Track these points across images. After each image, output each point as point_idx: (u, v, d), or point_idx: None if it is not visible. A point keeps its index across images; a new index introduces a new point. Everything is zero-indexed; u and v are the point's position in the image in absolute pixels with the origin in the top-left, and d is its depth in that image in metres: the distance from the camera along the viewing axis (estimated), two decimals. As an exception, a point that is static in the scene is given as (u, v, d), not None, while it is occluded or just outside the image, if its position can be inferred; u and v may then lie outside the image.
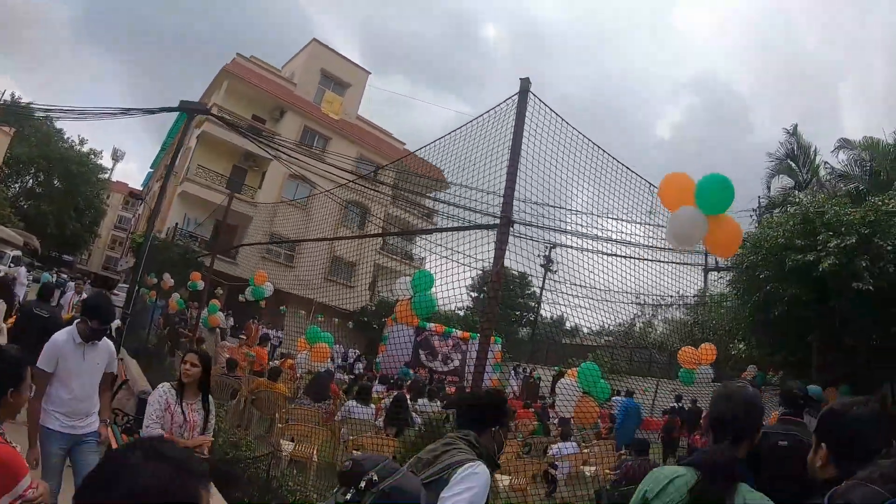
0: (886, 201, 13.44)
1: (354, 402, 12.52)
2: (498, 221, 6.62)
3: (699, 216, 6.07)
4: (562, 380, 10.71)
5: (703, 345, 14.44)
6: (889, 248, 12.59)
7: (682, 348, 14.52)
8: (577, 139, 7.43)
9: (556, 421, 17.66)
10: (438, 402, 16.15)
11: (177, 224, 36.86)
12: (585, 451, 13.72)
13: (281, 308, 32.77)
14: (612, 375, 11.36)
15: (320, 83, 47.61)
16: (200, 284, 19.43)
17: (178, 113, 14.14)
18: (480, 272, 7.97)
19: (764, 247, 14.81)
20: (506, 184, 6.68)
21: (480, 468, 3.26)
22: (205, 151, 42.13)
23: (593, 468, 12.66)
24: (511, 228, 6.64)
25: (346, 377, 20.73)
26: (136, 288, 14.48)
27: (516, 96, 6.88)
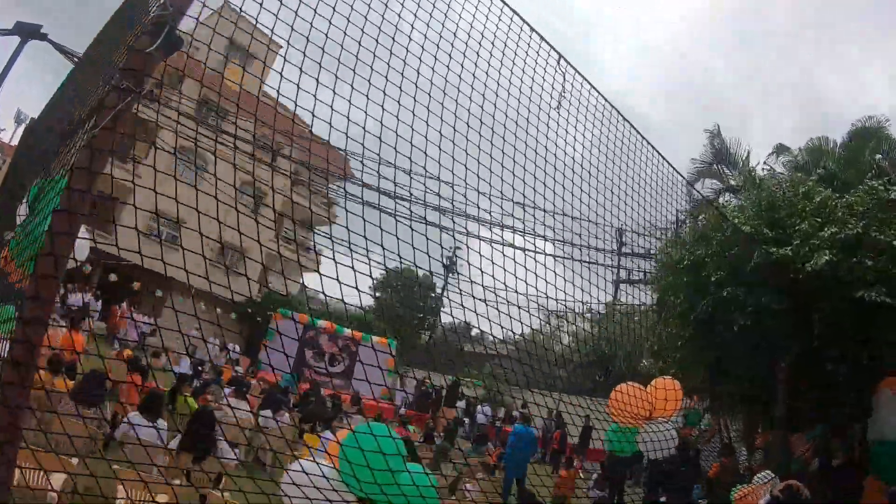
0: (889, 187, 11.85)
1: (137, 415, 9.60)
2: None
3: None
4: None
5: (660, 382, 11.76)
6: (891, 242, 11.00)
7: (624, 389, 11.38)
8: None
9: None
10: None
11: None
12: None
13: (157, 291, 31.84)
14: (512, 387, 11.15)
15: (225, 51, 46.28)
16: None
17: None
18: (384, 270, 7.72)
19: (716, 239, 12.51)
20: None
21: None
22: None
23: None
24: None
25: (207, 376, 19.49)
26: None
27: None
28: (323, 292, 5.52)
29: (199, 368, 21.09)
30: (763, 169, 17.17)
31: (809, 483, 11.71)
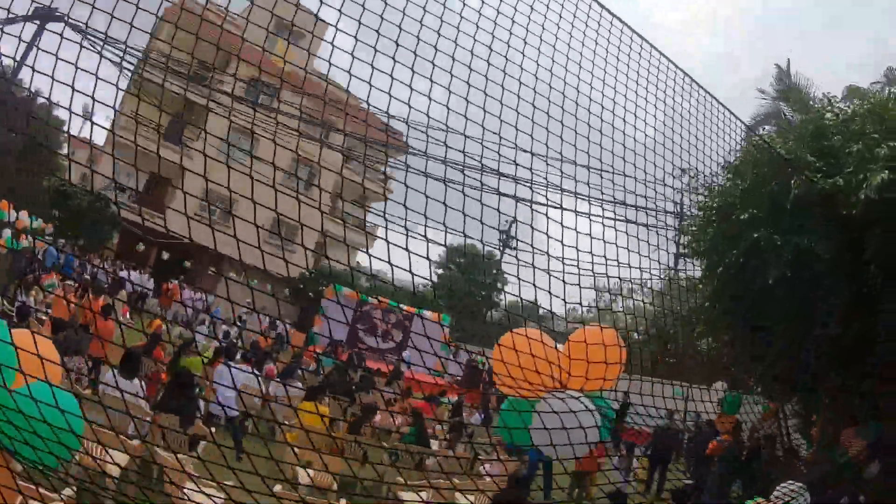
0: None
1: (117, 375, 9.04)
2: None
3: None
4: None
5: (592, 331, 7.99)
6: None
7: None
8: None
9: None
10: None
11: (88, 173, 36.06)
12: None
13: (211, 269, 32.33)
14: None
15: (272, 30, 46.40)
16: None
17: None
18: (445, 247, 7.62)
19: (749, 175, 10.20)
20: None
21: None
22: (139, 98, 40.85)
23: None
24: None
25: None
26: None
27: None
28: (387, 264, 5.56)
29: (227, 338, 21.49)
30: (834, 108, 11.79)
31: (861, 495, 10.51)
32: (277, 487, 5.42)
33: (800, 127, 10.37)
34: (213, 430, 9.86)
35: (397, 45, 5.45)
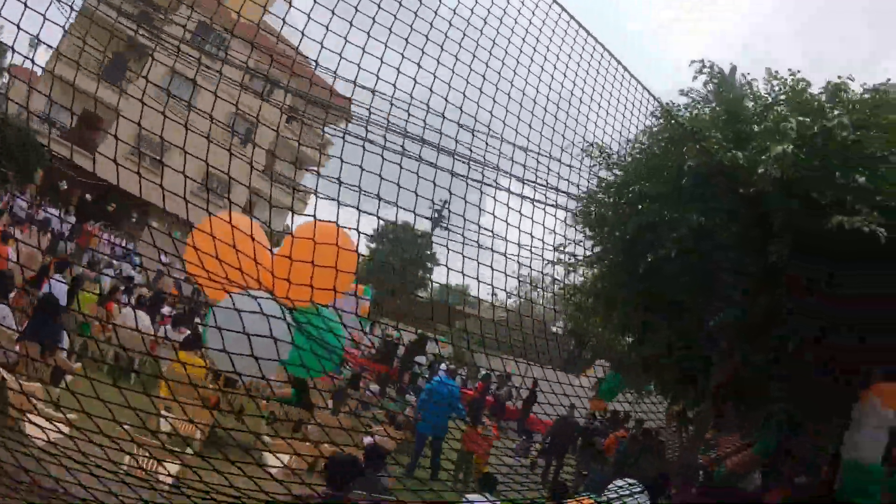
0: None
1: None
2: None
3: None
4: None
5: None
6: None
7: None
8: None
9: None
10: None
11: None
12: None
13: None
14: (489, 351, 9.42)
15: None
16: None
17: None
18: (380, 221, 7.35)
19: (656, 147, 9.69)
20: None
21: None
22: (82, 30, 39.71)
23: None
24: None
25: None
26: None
27: None
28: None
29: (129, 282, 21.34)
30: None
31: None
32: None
33: (716, 107, 9.74)
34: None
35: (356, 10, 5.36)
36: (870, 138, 8.29)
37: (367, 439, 10.16)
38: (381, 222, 7.80)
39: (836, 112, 8.26)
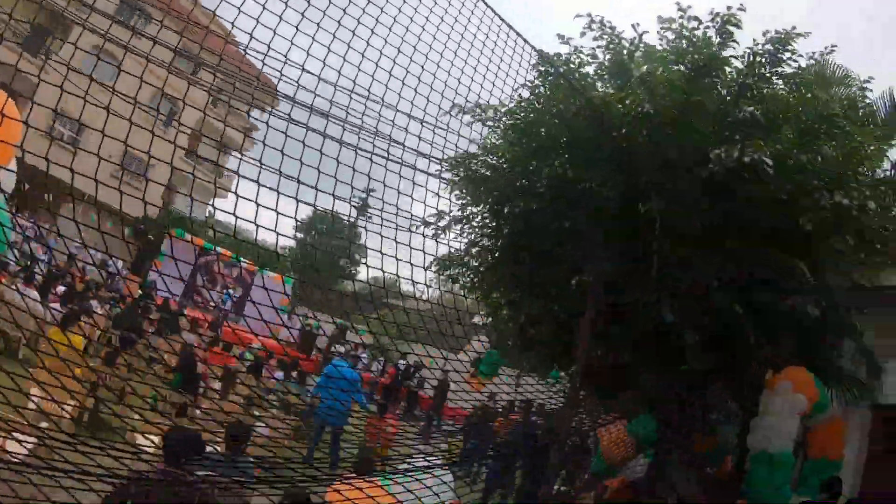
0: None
1: None
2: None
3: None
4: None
5: None
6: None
7: None
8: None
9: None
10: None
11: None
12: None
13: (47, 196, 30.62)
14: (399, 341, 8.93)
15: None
16: None
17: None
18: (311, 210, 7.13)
19: (536, 102, 8.99)
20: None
21: None
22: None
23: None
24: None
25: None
26: None
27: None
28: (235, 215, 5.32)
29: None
30: None
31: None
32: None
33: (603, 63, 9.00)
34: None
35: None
36: (764, 78, 8.25)
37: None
38: (311, 212, 7.63)
39: (717, 40, 8.04)
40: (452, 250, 9.71)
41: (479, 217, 9.80)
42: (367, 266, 6.87)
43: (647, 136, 7.81)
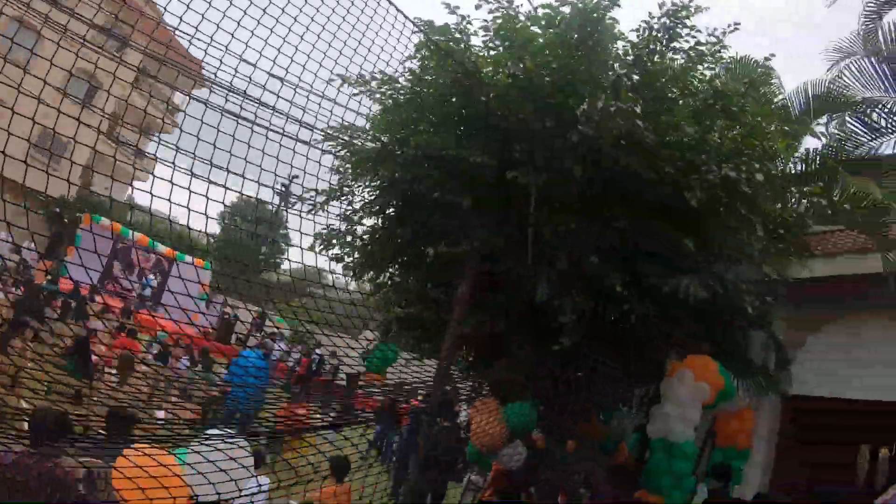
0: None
1: None
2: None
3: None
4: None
5: None
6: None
7: None
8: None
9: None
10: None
11: None
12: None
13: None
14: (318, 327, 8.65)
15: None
16: None
17: None
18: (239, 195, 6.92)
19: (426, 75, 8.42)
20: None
21: None
22: None
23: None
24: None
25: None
26: None
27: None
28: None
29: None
30: None
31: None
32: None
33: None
34: None
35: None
36: (658, 52, 7.87)
37: (159, 413, 9.80)
38: (235, 199, 7.45)
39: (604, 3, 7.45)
40: (333, 228, 9.07)
41: (361, 191, 9.27)
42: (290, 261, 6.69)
43: (522, 103, 7.32)
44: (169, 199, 5.32)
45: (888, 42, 11.46)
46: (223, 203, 6.01)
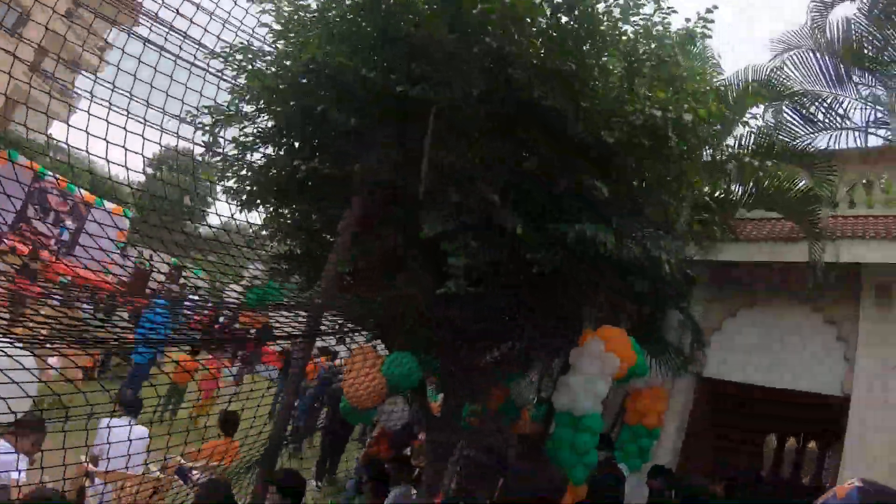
0: None
1: None
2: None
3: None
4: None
5: None
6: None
7: None
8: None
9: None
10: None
11: None
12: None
13: None
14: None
15: None
16: None
17: None
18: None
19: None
20: None
21: None
22: None
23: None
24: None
25: None
26: None
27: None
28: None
29: None
30: None
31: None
32: None
33: None
34: None
35: None
36: None
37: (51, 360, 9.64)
38: (160, 148, 6.97)
39: None
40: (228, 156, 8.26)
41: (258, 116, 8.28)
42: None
43: (426, 19, 6.37)
44: (86, 131, 5.10)
45: (835, 39, 11.62)
46: (142, 136, 5.76)
